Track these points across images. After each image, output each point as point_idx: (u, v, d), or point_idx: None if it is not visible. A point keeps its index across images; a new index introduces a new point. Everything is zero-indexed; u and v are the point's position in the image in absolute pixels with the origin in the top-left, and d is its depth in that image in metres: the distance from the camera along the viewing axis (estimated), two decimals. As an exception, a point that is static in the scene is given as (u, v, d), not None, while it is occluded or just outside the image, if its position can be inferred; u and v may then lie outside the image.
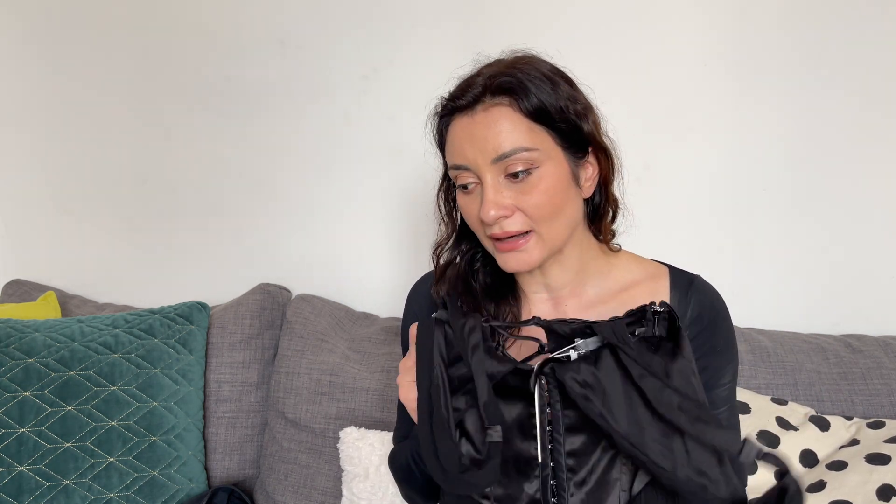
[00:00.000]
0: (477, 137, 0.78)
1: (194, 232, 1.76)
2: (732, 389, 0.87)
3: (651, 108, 1.45)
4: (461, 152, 0.80)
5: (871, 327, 1.40)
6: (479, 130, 0.78)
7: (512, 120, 0.78)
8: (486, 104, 0.78)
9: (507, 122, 0.77)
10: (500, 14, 1.49)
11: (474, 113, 0.79)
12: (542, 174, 0.79)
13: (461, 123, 0.80)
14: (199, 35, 1.68)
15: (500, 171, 0.79)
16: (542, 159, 0.78)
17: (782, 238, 1.44)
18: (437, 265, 0.94)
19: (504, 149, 0.77)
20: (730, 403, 0.86)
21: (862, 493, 1.06)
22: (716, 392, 0.85)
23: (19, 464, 1.26)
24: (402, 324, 1.02)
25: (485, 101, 0.78)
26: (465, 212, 0.85)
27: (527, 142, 0.78)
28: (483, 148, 0.78)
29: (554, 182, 0.79)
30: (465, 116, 0.80)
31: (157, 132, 1.74)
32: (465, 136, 0.79)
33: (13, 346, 1.33)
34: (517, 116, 0.78)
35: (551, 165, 0.79)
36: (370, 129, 1.61)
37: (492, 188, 0.78)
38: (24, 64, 1.80)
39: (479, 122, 0.78)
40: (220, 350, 1.51)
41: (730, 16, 1.40)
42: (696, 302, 0.86)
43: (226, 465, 1.48)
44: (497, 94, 0.78)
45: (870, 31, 1.35)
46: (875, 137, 1.37)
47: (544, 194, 0.79)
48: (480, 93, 0.79)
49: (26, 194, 1.85)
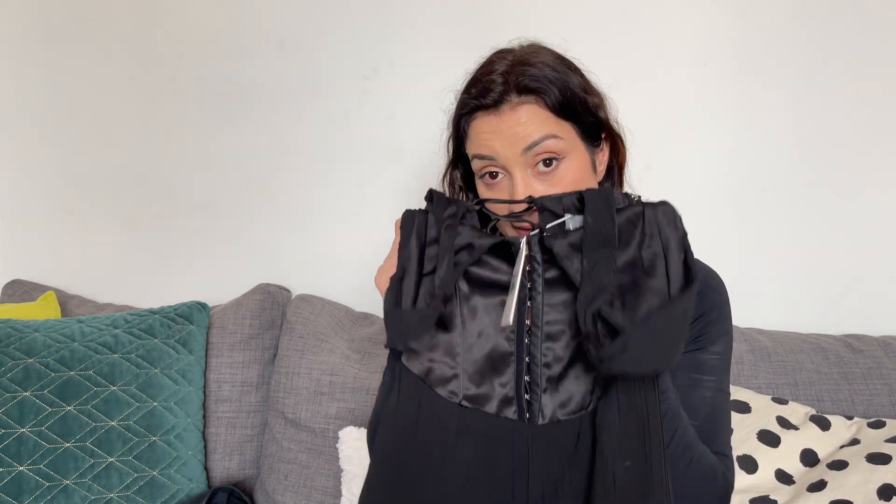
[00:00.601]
0: (506, 134, 0.80)
1: (194, 232, 1.76)
2: (724, 367, 0.86)
3: (651, 108, 1.45)
4: (489, 146, 0.81)
5: (871, 327, 1.40)
6: (509, 128, 0.79)
7: (540, 116, 0.80)
8: (513, 103, 0.80)
9: (535, 117, 0.79)
10: (499, 14, 1.49)
11: (501, 112, 0.80)
12: (568, 166, 0.81)
13: (488, 121, 0.81)
14: (198, 35, 1.68)
15: (528, 164, 0.80)
16: (567, 150, 0.80)
17: (782, 238, 1.44)
18: None
19: (533, 138, 0.79)
20: (720, 379, 0.86)
21: (863, 493, 1.06)
22: (704, 356, 0.85)
23: (19, 464, 1.25)
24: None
25: (510, 99, 0.80)
26: None
27: (554, 130, 0.80)
28: (513, 142, 0.79)
29: (578, 173, 0.82)
30: (492, 115, 0.81)
31: (157, 132, 1.74)
32: (494, 134, 0.81)
33: (13, 346, 1.33)
34: (544, 112, 0.80)
35: (575, 157, 0.82)
36: (370, 129, 1.61)
37: (521, 182, 0.80)
38: (23, 64, 1.80)
39: (507, 120, 0.80)
40: (220, 350, 1.51)
41: (730, 16, 1.40)
42: None
43: (226, 465, 1.48)
44: (523, 92, 0.80)
45: (870, 31, 1.35)
46: (875, 137, 1.37)
47: (571, 186, 0.80)
48: (504, 91, 0.80)
49: (26, 194, 1.85)
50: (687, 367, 0.85)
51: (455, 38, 1.52)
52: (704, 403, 0.84)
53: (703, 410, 0.84)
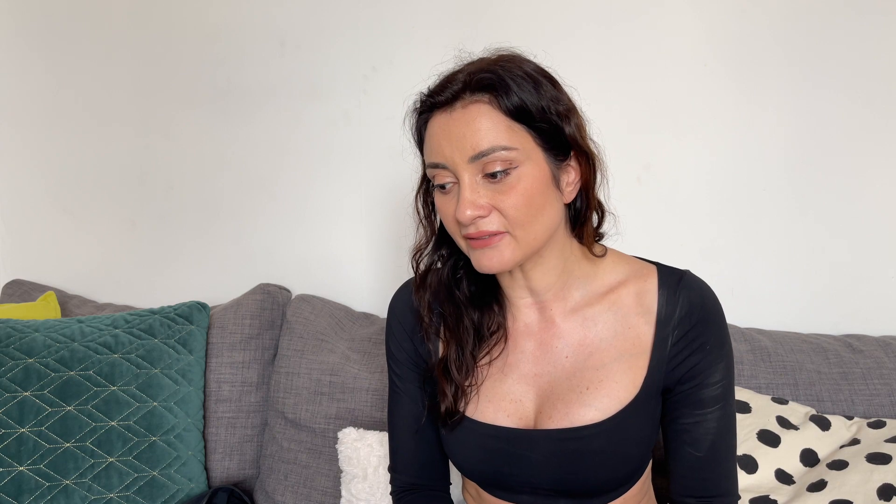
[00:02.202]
0: (455, 135, 0.77)
1: (194, 232, 1.76)
2: (726, 388, 0.85)
3: (651, 108, 1.44)
4: (439, 150, 0.78)
5: (871, 327, 1.40)
6: (457, 128, 0.77)
7: (491, 118, 0.76)
8: (466, 101, 0.77)
9: (485, 119, 0.76)
10: (499, 14, 1.49)
11: (453, 110, 0.77)
12: (521, 174, 0.77)
13: (439, 121, 0.79)
14: (199, 35, 1.68)
15: (477, 171, 0.77)
16: (521, 159, 0.77)
17: (782, 238, 1.44)
18: (417, 271, 0.92)
19: (482, 147, 0.75)
20: (723, 402, 0.85)
21: (863, 493, 1.05)
22: (705, 392, 0.84)
23: (19, 464, 1.25)
24: (386, 335, 1.00)
25: (464, 97, 0.77)
26: (441, 212, 0.83)
27: (505, 140, 0.76)
28: (461, 146, 0.76)
29: (533, 183, 0.78)
30: (444, 113, 0.78)
31: (157, 132, 1.74)
32: (443, 133, 0.78)
33: (13, 346, 1.33)
34: (496, 114, 0.76)
35: (530, 166, 0.78)
36: (370, 129, 1.61)
37: (469, 187, 0.77)
38: (24, 64, 1.80)
39: (457, 120, 0.77)
40: (220, 350, 1.51)
41: (730, 16, 1.40)
42: (684, 299, 0.84)
43: (226, 465, 1.48)
44: (477, 90, 0.77)
45: (870, 31, 1.35)
46: (875, 137, 1.37)
47: (522, 195, 0.77)
48: (460, 89, 0.77)
49: (26, 194, 1.85)
50: (689, 405, 0.84)
51: (455, 38, 1.50)
52: (708, 433, 0.84)
53: (707, 441, 0.83)
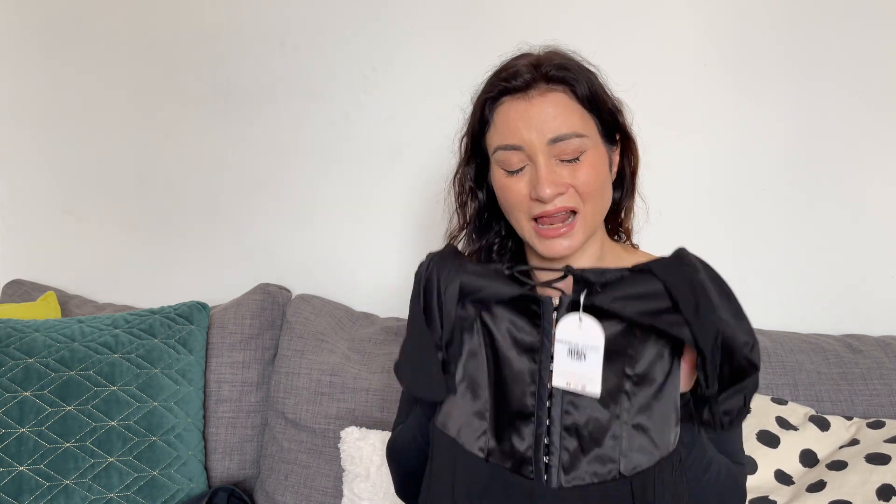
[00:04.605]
0: (534, 119, 0.81)
1: (194, 232, 1.76)
2: None
3: (651, 108, 1.44)
4: (516, 132, 0.82)
5: (870, 327, 1.40)
6: (537, 112, 0.81)
7: (567, 105, 0.82)
8: (542, 89, 0.82)
9: (564, 106, 0.82)
10: (499, 14, 1.49)
11: (530, 97, 0.82)
12: (589, 159, 0.83)
13: (516, 106, 0.82)
14: (199, 35, 1.68)
15: (552, 153, 0.81)
16: (588, 146, 0.83)
17: (782, 238, 1.44)
18: None
19: (561, 131, 0.80)
20: None
21: (862, 493, 1.06)
22: None
23: (19, 464, 1.26)
24: (410, 305, 1.00)
25: (539, 86, 0.82)
26: (508, 192, 0.85)
27: (580, 128, 0.82)
28: (540, 129, 0.81)
29: (598, 165, 0.84)
30: (521, 100, 0.82)
31: (158, 132, 1.74)
32: (521, 117, 0.82)
33: (13, 346, 1.33)
34: (572, 102, 0.82)
35: (596, 152, 0.84)
36: (370, 129, 1.61)
37: (546, 167, 0.81)
38: (24, 64, 1.80)
39: (536, 105, 0.81)
40: (220, 350, 1.51)
41: (730, 16, 1.40)
42: None
43: (226, 465, 1.48)
44: (552, 81, 0.82)
45: (870, 31, 1.35)
46: (875, 137, 1.37)
47: (592, 173, 0.83)
48: (533, 78, 0.82)
49: (27, 194, 1.85)
50: None
51: (455, 38, 1.51)
52: None
53: None
